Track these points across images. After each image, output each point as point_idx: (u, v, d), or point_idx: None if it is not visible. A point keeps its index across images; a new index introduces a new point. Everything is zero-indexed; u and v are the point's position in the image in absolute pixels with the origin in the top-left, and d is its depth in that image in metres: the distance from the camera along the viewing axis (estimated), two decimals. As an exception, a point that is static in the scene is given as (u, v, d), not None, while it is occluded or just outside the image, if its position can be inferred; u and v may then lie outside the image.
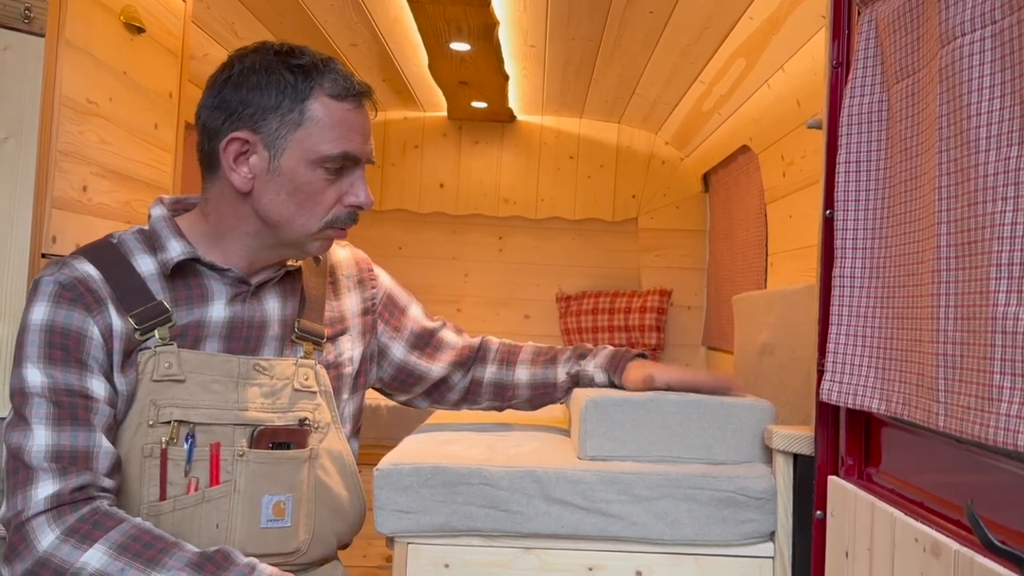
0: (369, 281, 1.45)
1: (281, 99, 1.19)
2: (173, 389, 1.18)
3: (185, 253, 1.21)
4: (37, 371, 1.13)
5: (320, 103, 1.19)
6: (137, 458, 1.17)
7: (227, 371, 1.22)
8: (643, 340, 3.61)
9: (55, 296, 1.16)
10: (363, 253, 1.48)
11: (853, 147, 1.12)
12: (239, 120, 1.19)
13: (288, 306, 1.30)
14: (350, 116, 1.21)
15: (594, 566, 1.30)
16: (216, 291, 1.24)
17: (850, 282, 1.11)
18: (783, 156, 2.46)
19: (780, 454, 1.29)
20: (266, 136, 1.19)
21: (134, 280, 1.20)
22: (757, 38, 2.23)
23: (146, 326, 1.18)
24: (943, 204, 0.88)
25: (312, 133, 1.19)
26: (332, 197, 1.22)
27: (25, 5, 1.30)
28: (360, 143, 1.22)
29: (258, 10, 2.43)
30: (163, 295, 1.21)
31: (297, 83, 1.19)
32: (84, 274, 1.18)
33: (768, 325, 1.97)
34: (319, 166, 1.19)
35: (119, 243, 1.24)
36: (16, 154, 1.30)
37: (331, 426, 1.30)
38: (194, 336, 1.22)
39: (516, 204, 3.86)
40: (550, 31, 2.57)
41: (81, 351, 1.14)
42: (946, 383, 0.87)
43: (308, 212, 1.21)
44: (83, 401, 1.13)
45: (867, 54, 1.12)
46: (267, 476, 1.21)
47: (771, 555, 1.30)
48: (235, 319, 1.24)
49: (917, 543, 0.91)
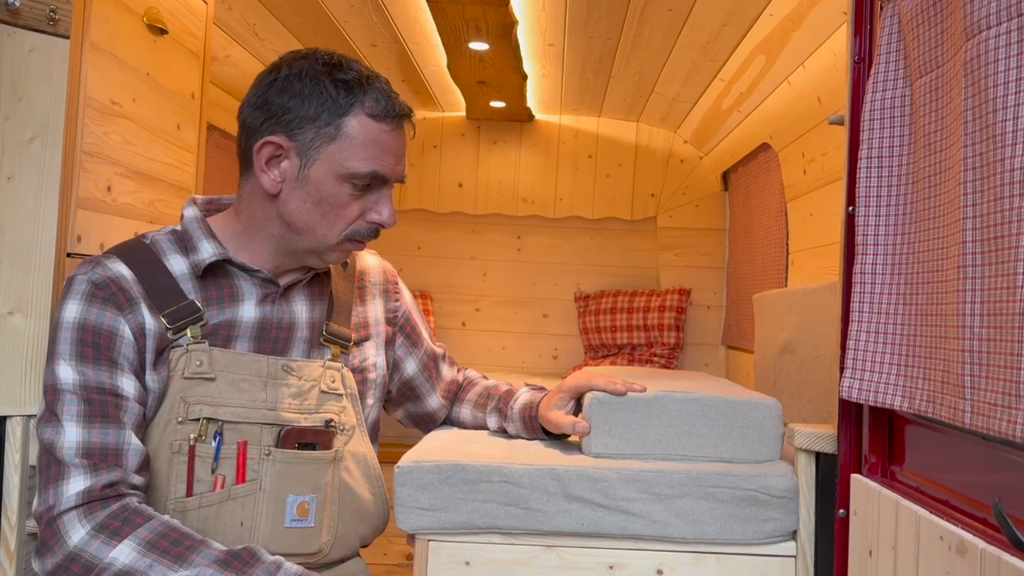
0: (394, 293, 1.46)
1: (320, 111, 1.19)
2: (203, 387, 1.19)
3: (217, 254, 1.23)
4: (69, 368, 1.14)
5: (358, 120, 1.20)
6: (165, 454, 1.18)
7: (256, 371, 1.23)
8: (662, 340, 3.60)
9: (88, 295, 1.18)
10: (390, 265, 1.50)
11: (876, 142, 1.11)
12: (277, 124, 1.21)
13: (316, 309, 1.31)
14: (385, 137, 1.21)
15: (615, 564, 1.30)
16: (246, 291, 1.25)
17: (872, 279, 1.10)
18: (804, 153, 2.45)
19: (802, 452, 1.28)
20: (300, 144, 1.20)
21: (166, 280, 1.22)
22: (777, 35, 2.22)
23: (178, 325, 1.20)
24: (969, 199, 0.87)
25: (344, 149, 1.19)
26: (355, 212, 1.23)
27: (50, 7, 1.32)
28: (391, 164, 1.23)
29: (279, 11, 2.44)
30: (195, 295, 1.23)
31: (339, 97, 1.20)
32: (117, 274, 1.20)
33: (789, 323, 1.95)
34: (346, 181, 1.20)
35: (152, 244, 1.26)
36: (42, 154, 1.32)
37: (356, 429, 1.31)
38: (225, 335, 1.23)
39: (534, 203, 3.86)
40: (569, 30, 2.57)
41: (112, 349, 1.16)
42: (972, 380, 0.86)
43: (330, 223, 1.22)
44: (113, 399, 1.14)
45: (890, 49, 1.11)
46: (293, 476, 1.22)
47: (793, 554, 1.29)
48: (265, 320, 1.25)
49: (943, 541, 0.90)
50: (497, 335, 3.87)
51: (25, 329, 1.30)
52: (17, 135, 1.30)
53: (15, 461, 1.29)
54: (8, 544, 1.28)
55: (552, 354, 3.86)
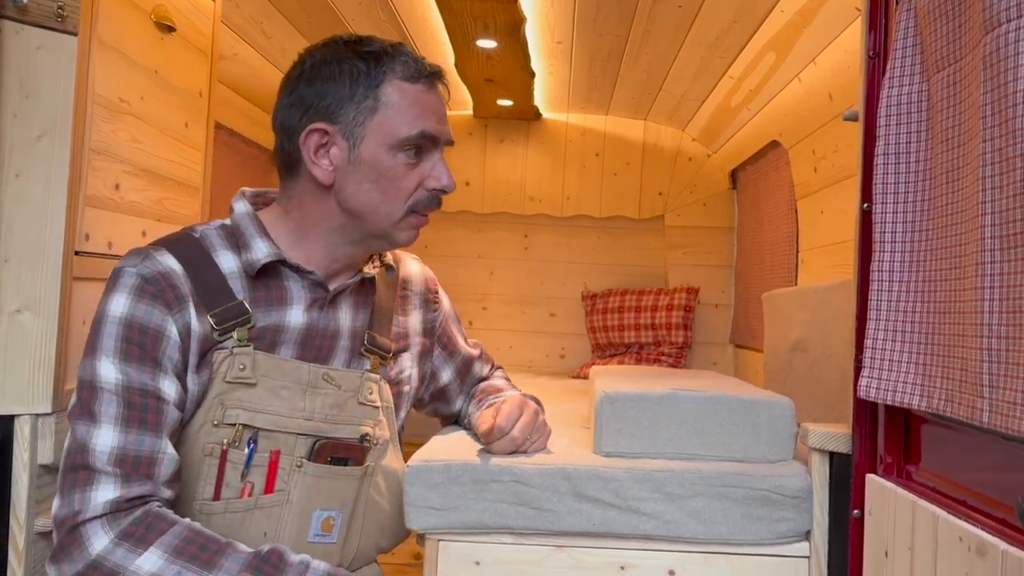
0: (433, 303, 1.44)
1: (355, 88, 1.18)
2: (242, 391, 1.16)
3: (272, 255, 1.19)
4: (112, 366, 1.10)
5: (393, 87, 1.18)
6: (197, 455, 1.16)
7: (298, 378, 1.20)
8: (670, 339, 3.59)
9: (137, 289, 1.12)
10: (431, 272, 1.47)
11: (892, 139, 1.09)
12: (316, 113, 1.18)
13: (359, 317, 1.28)
14: (424, 97, 1.20)
15: (626, 565, 1.29)
16: (295, 295, 1.21)
17: (889, 276, 1.09)
18: (814, 151, 2.43)
19: (816, 452, 1.27)
20: (344, 126, 1.18)
21: (216, 278, 1.18)
22: (788, 31, 2.20)
23: (225, 326, 1.16)
24: (988, 195, 0.86)
25: (389, 117, 1.18)
26: (414, 181, 1.20)
27: (58, 4, 1.31)
28: (436, 123, 1.21)
29: (287, 9, 2.44)
30: (244, 295, 1.18)
31: (370, 70, 1.18)
32: (167, 268, 1.14)
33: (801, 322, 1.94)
34: (399, 150, 1.18)
35: (201, 238, 1.21)
36: (50, 152, 1.31)
37: (389, 444, 1.29)
38: (271, 340, 1.19)
39: (542, 202, 3.85)
40: (577, 27, 2.55)
41: (157, 350, 1.11)
42: (991, 378, 0.85)
43: (392, 199, 1.20)
44: (154, 403, 1.10)
45: (906, 44, 1.10)
46: (321, 490, 1.20)
47: (806, 555, 1.28)
48: (311, 327, 1.22)
49: (961, 542, 0.89)
50: (504, 334, 3.86)
51: (33, 327, 1.29)
52: (25, 132, 1.29)
53: (23, 460, 1.29)
54: (17, 543, 1.27)
55: (559, 353, 3.84)
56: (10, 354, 1.29)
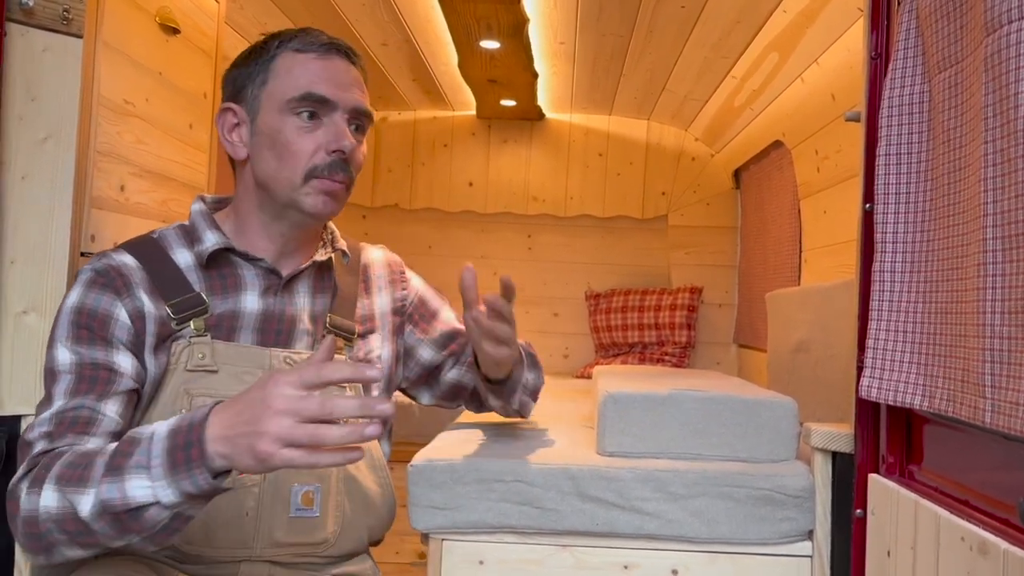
0: (400, 283, 1.46)
1: (254, 66, 1.25)
2: (206, 379, 1.20)
3: (220, 243, 1.25)
4: (65, 350, 1.15)
5: (284, 58, 1.24)
6: None
7: (260, 363, 1.23)
8: (673, 338, 3.59)
9: (88, 282, 1.19)
10: (397, 256, 1.49)
11: (894, 139, 1.10)
12: (228, 97, 1.28)
13: (319, 301, 1.31)
14: (315, 64, 1.24)
15: (629, 564, 1.29)
16: (249, 281, 1.26)
17: (891, 277, 1.09)
18: (817, 151, 2.43)
19: (819, 452, 1.27)
20: (246, 103, 1.26)
21: (171, 271, 1.24)
22: (791, 31, 2.20)
23: (182, 316, 1.21)
24: (989, 196, 0.86)
25: (277, 85, 1.23)
26: (309, 145, 1.22)
27: (63, 7, 1.32)
28: (329, 87, 1.23)
29: (290, 10, 2.44)
30: (199, 285, 1.24)
31: (268, 48, 1.25)
32: (119, 262, 1.21)
33: (803, 322, 1.94)
34: (289, 113, 1.22)
35: (159, 237, 1.28)
36: (56, 154, 1.32)
37: (360, 421, 1.30)
38: (228, 327, 1.24)
39: (545, 202, 3.85)
40: (580, 27, 2.56)
41: (106, 330, 1.17)
42: (993, 379, 0.85)
43: (289, 164, 1.23)
44: (106, 374, 1.14)
45: (908, 44, 1.10)
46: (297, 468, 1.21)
47: (809, 554, 1.28)
48: (267, 312, 1.26)
49: (963, 542, 0.89)
50: (508, 334, 3.86)
51: (39, 328, 1.30)
52: (31, 134, 1.30)
53: (30, 460, 1.29)
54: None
55: (563, 353, 3.85)
56: (16, 355, 1.29)
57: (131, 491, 0.97)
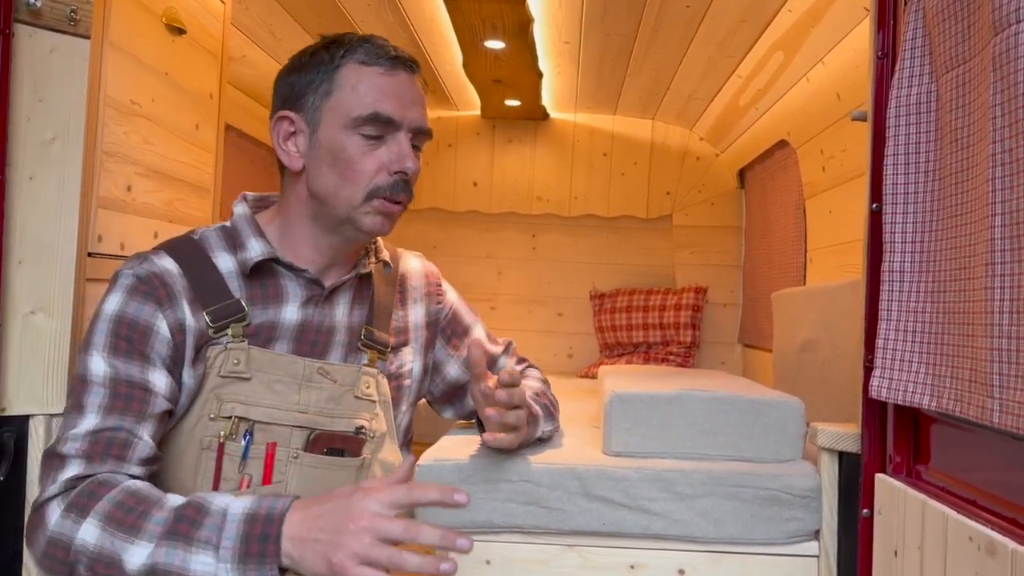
0: (436, 296, 1.43)
1: (315, 74, 1.21)
2: (237, 385, 1.19)
3: (264, 253, 1.21)
4: (101, 360, 1.13)
5: (349, 69, 1.20)
6: (195, 449, 1.17)
7: (292, 372, 1.22)
8: (678, 338, 3.59)
9: (130, 289, 1.16)
10: (434, 267, 1.47)
11: (902, 139, 1.10)
12: (284, 103, 1.23)
13: (356, 313, 1.30)
14: (382, 80, 1.20)
15: (636, 564, 1.29)
16: (291, 292, 1.24)
17: (899, 276, 1.09)
18: (823, 150, 2.43)
19: (825, 452, 1.27)
20: (306, 113, 1.21)
21: (213, 277, 1.21)
22: (796, 30, 2.20)
23: (220, 323, 1.19)
24: (997, 195, 0.86)
25: (342, 99, 1.19)
26: (373, 164, 1.20)
27: (71, 7, 1.32)
28: (395, 106, 1.20)
29: (296, 11, 2.45)
30: (240, 293, 1.21)
31: (331, 56, 1.21)
32: (162, 268, 1.18)
33: (810, 322, 1.94)
34: (354, 131, 1.19)
35: (201, 239, 1.25)
36: (63, 154, 1.32)
37: (386, 436, 1.29)
38: (266, 336, 1.22)
39: (549, 202, 3.85)
40: (585, 27, 2.56)
41: (145, 345, 1.14)
42: (1001, 378, 0.85)
43: (350, 181, 1.20)
44: (141, 393, 1.13)
45: (915, 44, 1.10)
46: (318, 481, 1.21)
47: (816, 554, 1.28)
48: (306, 322, 1.24)
49: (971, 541, 0.89)
50: (512, 334, 3.86)
51: (47, 328, 1.30)
52: (38, 135, 1.30)
53: (38, 460, 1.30)
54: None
55: (567, 352, 3.85)
56: (24, 355, 1.30)
57: (193, 564, 0.97)
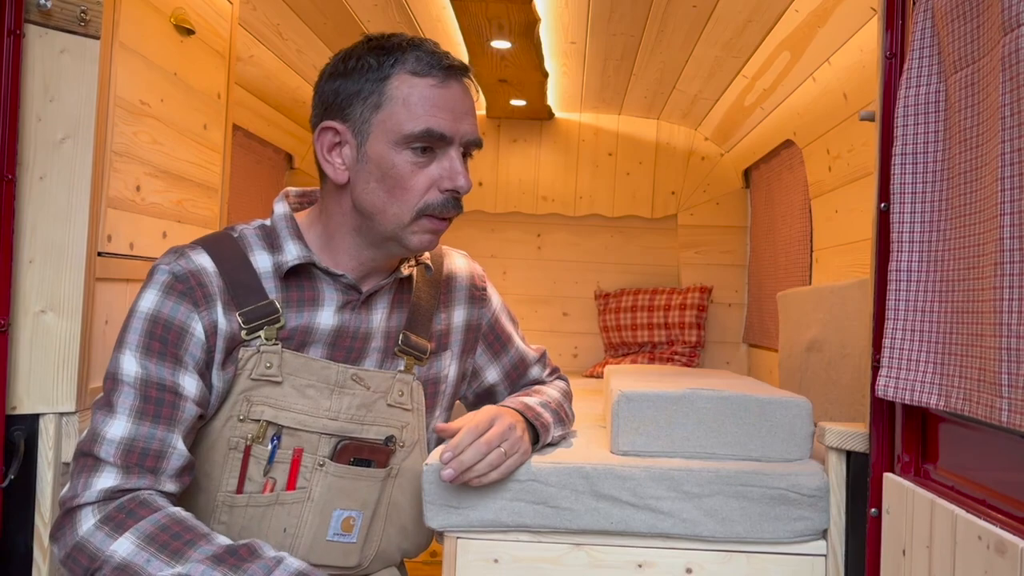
0: (480, 300, 1.39)
1: (363, 83, 1.14)
2: (268, 388, 1.16)
3: (301, 258, 1.18)
4: (133, 360, 1.11)
5: (400, 81, 1.13)
6: (223, 449, 1.17)
7: (325, 378, 1.19)
8: (683, 338, 3.59)
9: (166, 286, 1.14)
10: (480, 268, 1.43)
11: (910, 139, 1.10)
12: (329, 111, 1.17)
13: (395, 317, 1.26)
14: (433, 92, 1.14)
15: (643, 563, 1.29)
16: (327, 297, 1.20)
17: (907, 276, 1.09)
18: (829, 150, 2.43)
19: (833, 451, 1.27)
20: (353, 124, 1.15)
21: (249, 277, 1.17)
22: (803, 31, 2.20)
23: (253, 325, 1.16)
24: (1007, 195, 0.86)
25: (393, 113, 1.13)
26: (423, 182, 1.15)
27: (81, 8, 1.33)
28: (448, 121, 1.14)
29: (303, 11, 2.45)
30: (276, 294, 1.18)
31: (380, 64, 1.14)
32: (199, 266, 1.15)
33: (816, 321, 1.94)
34: (404, 148, 1.13)
35: (239, 237, 1.21)
36: (73, 154, 1.33)
37: (417, 445, 1.27)
38: (301, 340, 1.19)
39: (555, 202, 3.86)
40: (591, 27, 2.56)
41: (180, 347, 1.12)
42: (1010, 378, 0.85)
43: (399, 199, 1.14)
44: (171, 398, 1.11)
45: (923, 44, 1.10)
46: (342, 490, 1.20)
47: (823, 553, 1.28)
48: (342, 328, 1.21)
49: (980, 540, 0.89)
50: (517, 333, 3.87)
51: (57, 327, 1.31)
52: (49, 135, 1.31)
53: (48, 458, 1.30)
54: (42, 540, 1.29)
55: (572, 352, 3.85)
56: (35, 354, 1.30)
57: None
